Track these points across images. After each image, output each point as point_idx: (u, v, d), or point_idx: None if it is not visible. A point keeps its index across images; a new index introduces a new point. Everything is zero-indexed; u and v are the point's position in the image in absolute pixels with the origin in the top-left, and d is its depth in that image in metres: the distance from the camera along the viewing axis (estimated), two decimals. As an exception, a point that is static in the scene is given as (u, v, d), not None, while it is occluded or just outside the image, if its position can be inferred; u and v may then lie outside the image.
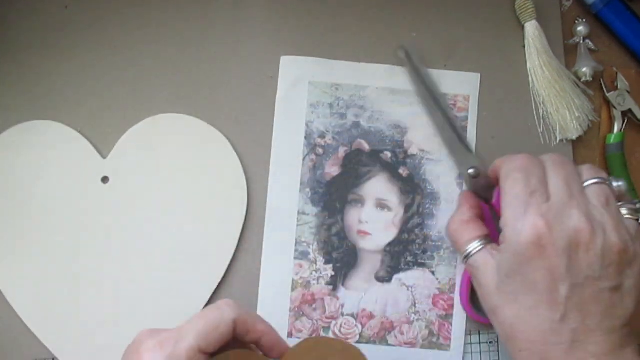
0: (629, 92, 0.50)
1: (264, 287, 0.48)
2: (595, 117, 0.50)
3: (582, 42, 0.51)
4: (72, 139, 0.48)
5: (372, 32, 0.51)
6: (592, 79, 0.50)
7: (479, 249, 0.42)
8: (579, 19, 0.52)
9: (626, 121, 0.50)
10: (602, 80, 0.51)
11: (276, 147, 0.49)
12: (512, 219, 0.38)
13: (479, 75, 0.50)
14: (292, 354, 0.37)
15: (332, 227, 0.48)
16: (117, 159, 0.48)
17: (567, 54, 0.51)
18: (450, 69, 0.50)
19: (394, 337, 0.48)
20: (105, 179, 0.48)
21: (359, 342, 0.47)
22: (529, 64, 0.50)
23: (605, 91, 0.50)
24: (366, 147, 0.49)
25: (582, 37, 0.51)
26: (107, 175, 0.48)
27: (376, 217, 0.49)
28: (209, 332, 0.34)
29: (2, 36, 0.49)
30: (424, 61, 0.50)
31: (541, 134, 0.50)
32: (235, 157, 0.48)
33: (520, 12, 0.50)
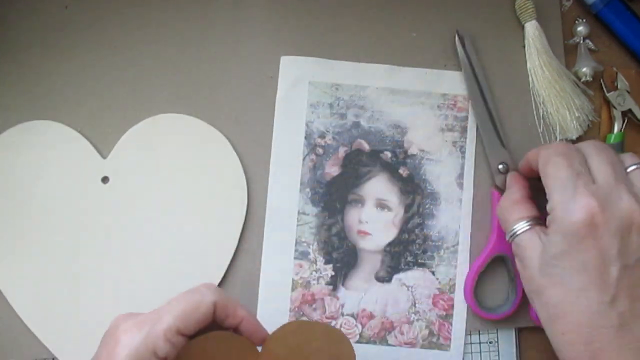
0: (629, 92, 0.50)
1: (264, 287, 0.48)
2: (595, 117, 0.50)
3: (582, 42, 0.51)
4: (72, 139, 0.48)
5: (372, 32, 0.51)
6: (592, 79, 0.50)
7: (526, 229, 0.41)
8: (579, 19, 0.52)
9: (626, 121, 0.50)
10: (602, 80, 0.51)
11: (276, 147, 0.49)
12: (562, 201, 0.37)
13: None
14: (273, 338, 0.37)
15: (332, 227, 0.48)
16: (117, 159, 0.48)
17: (567, 54, 0.51)
18: (450, 69, 0.50)
19: (394, 337, 0.48)
20: (105, 179, 0.48)
21: (359, 342, 0.48)
22: (529, 64, 0.50)
23: (605, 91, 0.50)
24: (366, 147, 0.49)
25: (582, 37, 0.51)
26: (107, 175, 0.48)
27: (376, 217, 0.49)
28: (188, 313, 0.34)
29: (2, 36, 0.49)
30: (427, 60, 0.50)
31: (541, 134, 0.50)
32: (235, 157, 0.48)
33: (520, 12, 0.50)
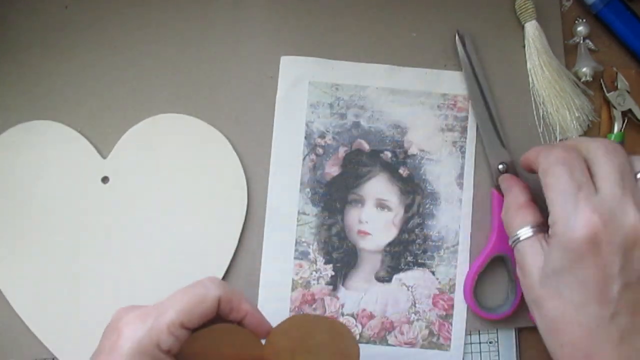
0: (629, 92, 0.50)
1: (264, 287, 0.48)
2: (595, 117, 0.50)
3: (582, 42, 0.51)
4: (72, 139, 0.48)
5: (372, 32, 0.51)
6: (592, 79, 0.50)
7: (529, 235, 0.40)
8: (579, 19, 0.52)
9: (626, 121, 0.50)
10: (602, 80, 0.51)
11: (276, 147, 0.49)
12: (562, 216, 0.36)
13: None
14: (277, 331, 0.37)
15: (332, 227, 0.48)
16: (117, 159, 0.48)
17: (567, 54, 0.51)
18: (450, 69, 0.50)
19: (394, 337, 0.48)
20: (105, 179, 0.48)
21: (359, 342, 0.47)
22: (529, 64, 0.50)
23: (605, 91, 0.50)
24: (366, 147, 0.49)
25: (582, 37, 0.51)
26: (107, 175, 0.48)
27: (376, 217, 0.49)
28: (192, 307, 0.34)
29: (2, 36, 0.49)
30: (427, 60, 0.50)
31: (541, 134, 0.50)
32: (235, 157, 0.48)
33: (520, 12, 0.50)
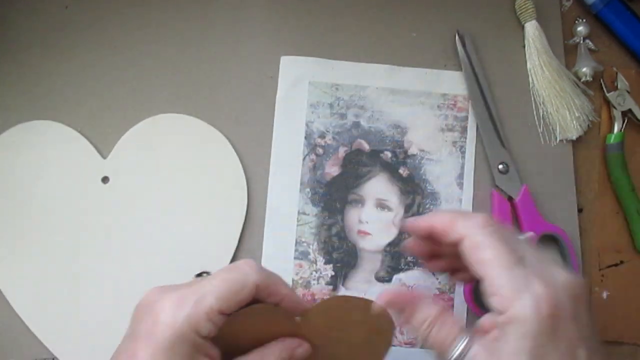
0: (629, 92, 0.50)
1: (264, 287, 0.48)
2: (595, 117, 0.50)
3: (582, 42, 0.51)
4: (72, 139, 0.48)
5: (372, 32, 0.51)
6: (592, 79, 0.50)
7: (468, 346, 0.33)
8: (579, 19, 0.52)
9: (626, 121, 0.50)
10: (602, 80, 0.51)
11: (276, 147, 0.49)
12: (516, 295, 0.32)
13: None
14: (313, 311, 0.36)
15: (332, 227, 0.48)
16: (117, 159, 0.48)
17: (567, 54, 0.51)
18: (450, 69, 0.50)
19: (394, 337, 0.48)
20: (105, 179, 0.48)
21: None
22: (529, 64, 0.50)
23: (605, 91, 0.50)
24: (366, 147, 0.49)
25: (582, 37, 0.51)
26: (107, 175, 0.48)
27: (376, 217, 0.49)
28: (231, 295, 0.33)
29: (2, 36, 0.49)
30: (426, 60, 0.50)
31: (541, 134, 0.50)
32: (235, 157, 0.48)
33: (520, 12, 0.50)
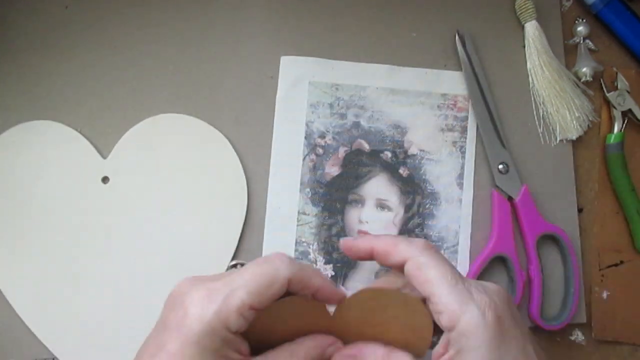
0: (629, 92, 0.50)
1: (264, 287, 0.48)
2: (595, 117, 0.50)
3: (582, 42, 0.51)
4: (72, 139, 0.48)
5: (372, 32, 0.51)
6: (592, 79, 0.50)
7: None
8: (579, 19, 0.52)
9: (626, 121, 0.50)
10: (602, 80, 0.51)
11: (276, 147, 0.49)
12: (463, 307, 0.34)
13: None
14: (348, 302, 0.36)
15: (332, 227, 0.48)
16: (117, 159, 0.48)
17: (567, 54, 0.51)
18: (450, 69, 0.50)
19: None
20: (105, 179, 0.48)
21: (359, 342, 0.47)
22: (529, 64, 0.50)
23: (605, 91, 0.50)
24: (366, 147, 0.49)
25: (582, 37, 0.51)
26: (107, 175, 0.48)
27: (376, 217, 0.49)
28: (263, 290, 0.32)
29: (2, 36, 0.49)
30: (426, 60, 0.50)
31: (541, 134, 0.50)
32: (235, 157, 0.48)
33: (520, 12, 0.50)
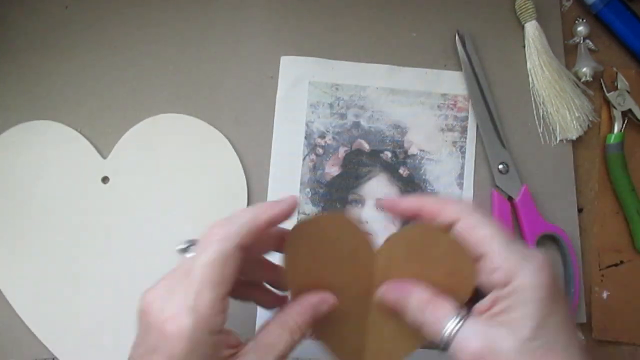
0: (629, 92, 0.50)
1: (264, 287, 0.48)
2: (595, 117, 0.50)
3: (582, 42, 0.51)
4: (72, 139, 0.48)
5: (372, 32, 0.51)
6: (592, 79, 0.50)
7: (461, 323, 0.33)
8: (579, 19, 0.52)
9: (626, 121, 0.50)
10: (602, 80, 0.51)
11: (276, 147, 0.49)
12: (519, 265, 0.33)
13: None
14: (394, 237, 0.36)
15: (332, 227, 0.48)
16: (117, 159, 0.48)
17: (567, 54, 0.51)
18: (450, 69, 0.50)
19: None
20: (105, 179, 0.48)
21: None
22: (529, 64, 0.50)
23: (605, 91, 0.50)
24: (366, 147, 0.49)
25: (582, 37, 0.51)
26: (107, 175, 0.48)
27: (376, 217, 0.48)
28: (225, 277, 0.33)
29: (2, 36, 0.49)
30: (426, 60, 0.50)
31: (541, 134, 0.50)
32: (235, 157, 0.48)
33: (520, 12, 0.50)
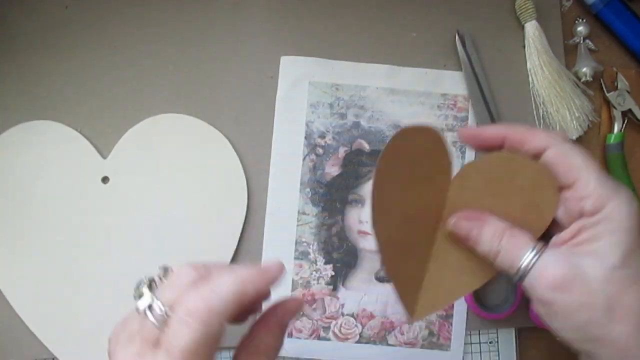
0: (629, 92, 0.50)
1: (264, 287, 0.48)
2: (595, 117, 0.50)
3: (582, 42, 0.51)
4: (72, 139, 0.48)
5: (372, 32, 0.51)
6: (592, 79, 0.50)
7: (540, 253, 0.33)
8: (579, 19, 0.52)
9: (626, 121, 0.50)
10: (602, 80, 0.51)
11: (276, 147, 0.49)
12: (610, 194, 0.33)
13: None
14: (475, 165, 0.36)
15: (332, 227, 0.48)
16: (117, 159, 0.48)
17: (567, 54, 0.51)
18: (450, 69, 0.50)
19: (394, 337, 0.48)
20: (105, 179, 0.48)
21: (359, 342, 0.48)
22: (529, 64, 0.50)
23: (605, 91, 0.50)
24: (366, 147, 0.49)
25: (582, 37, 0.51)
26: (107, 175, 0.48)
27: (376, 217, 0.48)
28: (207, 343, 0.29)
29: (2, 36, 0.49)
30: (429, 60, 0.50)
31: (541, 134, 0.50)
32: (235, 157, 0.48)
33: (520, 12, 0.50)
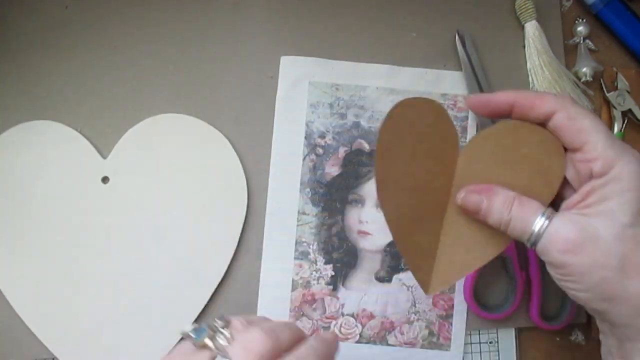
0: (629, 92, 0.50)
1: (264, 287, 0.48)
2: (595, 117, 0.50)
3: (582, 42, 0.51)
4: (72, 139, 0.48)
5: (372, 32, 0.51)
6: (592, 79, 0.50)
7: (550, 219, 0.34)
8: (579, 19, 0.52)
9: (626, 121, 0.50)
10: (602, 80, 0.51)
11: (276, 147, 0.49)
12: (619, 155, 0.33)
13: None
14: (483, 136, 0.37)
15: (332, 227, 0.48)
16: (117, 159, 0.48)
17: (567, 54, 0.51)
18: (450, 69, 0.50)
19: (394, 337, 0.48)
20: (105, 179, 0.48)
21: (359, 342, 0.48)
22: (529, 64, 0.50)
23: (605, 91, 0.50)
24: (366, 147, 0.49)
25: (582, 37, 0.51)
26: (107, 175, 0.48)
27: (376, 217, 0.49)
28: None
29: (2, 36, 0.49)
30: (426, 60, 0.50)
31: (541, 134, 0.50)
32: (235, 157, 0.48)
33: (520, 12, 0.50)
